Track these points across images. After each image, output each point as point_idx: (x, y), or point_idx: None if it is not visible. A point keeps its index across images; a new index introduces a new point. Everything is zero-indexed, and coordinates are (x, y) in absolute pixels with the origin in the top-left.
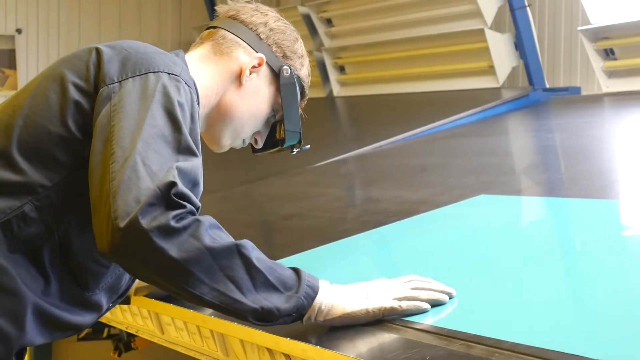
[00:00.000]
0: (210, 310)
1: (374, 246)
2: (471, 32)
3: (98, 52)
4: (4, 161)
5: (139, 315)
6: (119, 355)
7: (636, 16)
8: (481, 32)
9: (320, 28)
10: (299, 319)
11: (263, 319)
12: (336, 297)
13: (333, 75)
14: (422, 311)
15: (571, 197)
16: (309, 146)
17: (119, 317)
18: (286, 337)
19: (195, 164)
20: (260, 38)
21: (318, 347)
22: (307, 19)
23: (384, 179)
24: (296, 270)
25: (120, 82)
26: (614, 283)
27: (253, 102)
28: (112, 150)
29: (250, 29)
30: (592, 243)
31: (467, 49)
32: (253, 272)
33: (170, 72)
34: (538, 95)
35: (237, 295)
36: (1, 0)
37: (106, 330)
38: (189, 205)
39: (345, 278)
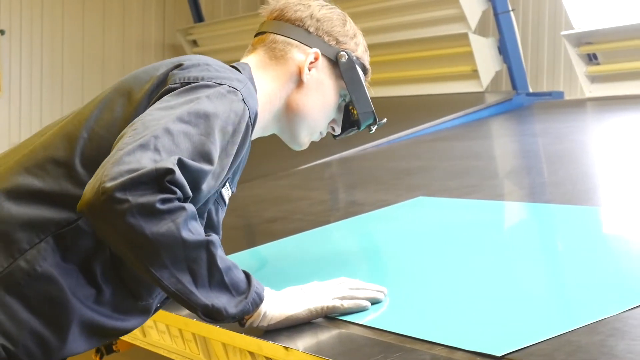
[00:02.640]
0: (192, 314)
1: (306, 248)
2: (455, 36)
3: (175, 66)
4: (66, 171)
5: None
6: (101, 358)
7: (619, 21)
8: (465, 36)
9: None
10: (240, 321)
11: (210, 315)
12: (278, 304)
13: None
14: (363, 309)
15: (553, 202)
16: (385, 120)
17: None
18: (268, 340)
19: (204, 170)
20: (309, 32)
21: (301, 351)
22: None
23: (368, 182)
24: (247, 275)
25: (181, 83)
26: (542, 281)
27: (319, 96)
28: (135, 127)
29: (298, 25)
30: (517, 245)
31: (450, 53)
32: (213, 270)
33: (230, 86)
34: (521, 99)
35: (193, 288)
36: None
37: None
38: (179, 192)
39: (276, 280)
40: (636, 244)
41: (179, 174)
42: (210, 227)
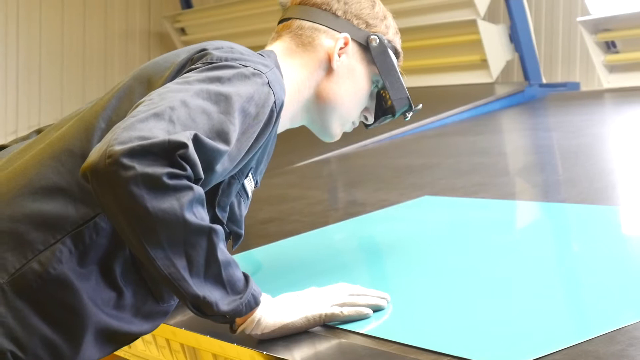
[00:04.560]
0: (180, 322)
1: (303, 251)
2: (463, 23)
3: (197, 51)
4: (82, 162)
5: None
6: None
7: (639, 6)
8: (473, 23)
9: None
10: (229, 323)
11: (199, 308)
12: (273, 311)
13: None
14: (364, 317)
15: (568, 201)
16: (420, 105)
17: None
18: (262, 351)
19: (219, 149)
20: (337, 16)
21: None
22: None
23: (369, 180)
24: (246, 277)
25: (203, 63)
26: (556, 287)
27: (351, 84)
28: (151, 97)
29: (325, 9)
30: (529, 248)
31: (458, 41)
32: (211, 261)
33: (255, 69)
34: (534, 91)
35: (186, 275)
36: None
37: None
38: (189, 170)
39: (271, 286)
40: None
41: (192, 151)
42: (232, 221)
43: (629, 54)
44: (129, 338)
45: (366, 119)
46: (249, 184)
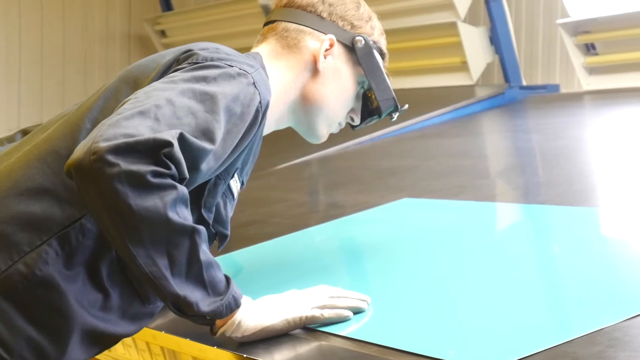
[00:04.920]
0: (160, 325)
1: (283, 253)
2: (443, 25)
3: (183, 52)
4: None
5: None
6: None
7: (619, 9)
8: (454, 25)
9: None
10: (209, 325)
11: (179, 308)
12: (254, 314)
13: None
14: (345, 319)
15: (548, 203)
16: (406, 106)
17: None
18: (243, 354)
19: (205, 148)
20: (322, 18)
21: None
22: (267, 11)
23: (350, 182)
24: (227, 279)
25: (189, 63)
26: (536, 288)
27: (337, 85)
28: (137, 95)
29: (310, 11)
30: (509, 249)
31: (438, 43)
32: (193, 261)
33: (241, 69)
34: (514, 93)
35: (167, 274)
36: None
37: None
38: (174, 169)
39: (251, 288)
40: (637, 248)
41: (177, 150)
42: (218, 221)
43: (609, 56)
44: (114, 339)
45: (352, 120)
46: (235, 184)
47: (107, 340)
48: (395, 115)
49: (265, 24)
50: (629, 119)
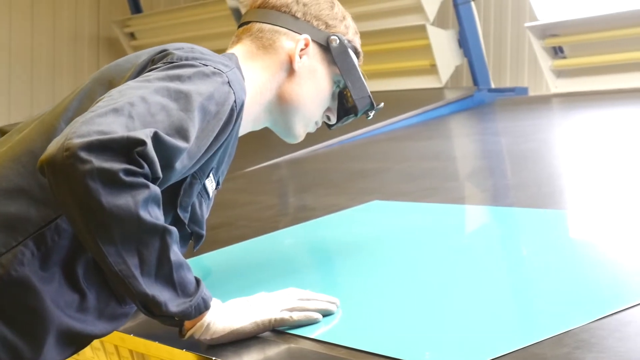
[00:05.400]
0: (129, 328)
1: (252, 256)
2: (412, 28)
3: (158, 52)
4: None
5: None
6: None
7: (586, 12)
8: (422, 28)
9: None
10: (177, 327)
11: (147, 307)
12: (223, 317)
13: None
14: (314, 321)
15: (516, 205)
16: (382, 104)
17: None
18: (212, 357)
19: (179, 147)
20: (297, 18)
21: None
22: (237, 14)
23: (319, 185)
24: (197, 281)
25: (163, 63)
26: (504, 290)
27: (313, 84)
28: (111, 94)
29: (284, 12)
30: (478, 252)
31: (407, 46)
32: (163, 261)
33: (215, 67)
34: (483, 96)
35: (137, 273)
36: None
37: None
38: (146, 168)
39: (220, 291)
40: (605, 250)
41: (150, 149)
42: (194, 221)
43: (576, 59)
44: (90, 339)
45: (329, 119)
46: (210, 184)
47: (84, 341)
48: (372, 114)
49: (240, 25)
50: (597, 121)
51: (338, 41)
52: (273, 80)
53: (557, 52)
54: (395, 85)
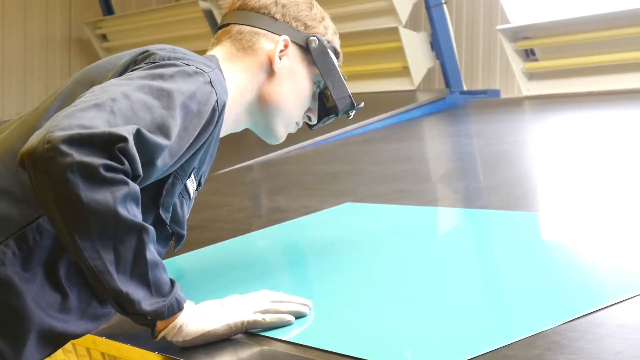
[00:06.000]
0: (101, 331)
1: (225, 258)
2: (384, 30)
3: (140, 53)
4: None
5: None
6: None
7: (557, 15)
8: (395, 30)
9: None
10: (149, 327)
11: (121, 304)
12: (196, 319)
13: None
14: (287, 323)
15: (489, 207)
16: (362, 104)
17: None
18: (184, 359)
19: (160, 144)
20: (276, 19)
21: None
22: (209, 15)
23: (292, 187)
24: (172, 282)
25: (146, 63)
26: (476, 292)
27: (293, 85)
28: (93, 90)
29: (263, 13)
30: (450, 254)
31: (380, 48)
32: (138, 259)
33: (197, 67)
34: (455, 98)
35: (112, 269)
36: None
37: None
38: (127, 165)
39: (193, 293)
40: (576, 252)
41: (131, 146)
42: (175, 221)
43: (548, 61)
44: (70, 339)
45: (310, 119)
46: (191, 184)
47: (64, 340)
48: (352, 113)
49: (219, 28)
50: (568, 124)
51: (317, 42)
52: (253, 81)
53: (528, 54)
54: (368, 88)
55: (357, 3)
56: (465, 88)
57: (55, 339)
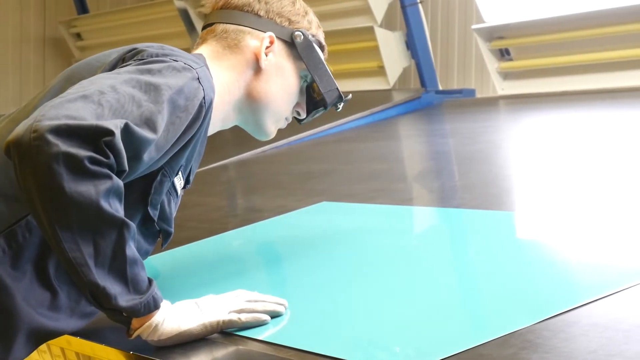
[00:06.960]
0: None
1: (200, 257)
2: (360, 29)
3: (128, 51)
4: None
5: None
6: None
7: (532, 15)
8: (370, 30)
9: (198, 24)
10: (124, 324)
11: (97, 298)
12: (171, 318)
13: None
14: (262, 323)
15: (464, 207)
16: (350, 95)
17: None
18: (159, 359)
19: (147, 138)
20: (260, 16)
21: None
22: (184, 14)
23: (267, 186)
24: (150, 280)
25: (134, 60)
26: (451, 291)
27: (280, 81)
28: (81, 83)
29: (247, 11)
30: (425, 253)
31: (355, 48)
32: (118, 254)
33: (185, 63)
34: (430, 97)
35: (90, 262)
36: None
37: None
38: (112, 159)
39: (168, 293)
40: (551, 251)
41: (118, 140)
42: (163, 219)
43: (523, 61)
44: (55, 336)
45: (299, 114)
46: (179, 182)
47: (52, 337)
48: (341, 106)
49: (204, 28)
50: (543, 123)
51: (302, 36)
52: (240, 79)
53: (503, 54)
54: (343, 87)
55: (332, 2)
56: (440, 87)
57: (45, 337)
